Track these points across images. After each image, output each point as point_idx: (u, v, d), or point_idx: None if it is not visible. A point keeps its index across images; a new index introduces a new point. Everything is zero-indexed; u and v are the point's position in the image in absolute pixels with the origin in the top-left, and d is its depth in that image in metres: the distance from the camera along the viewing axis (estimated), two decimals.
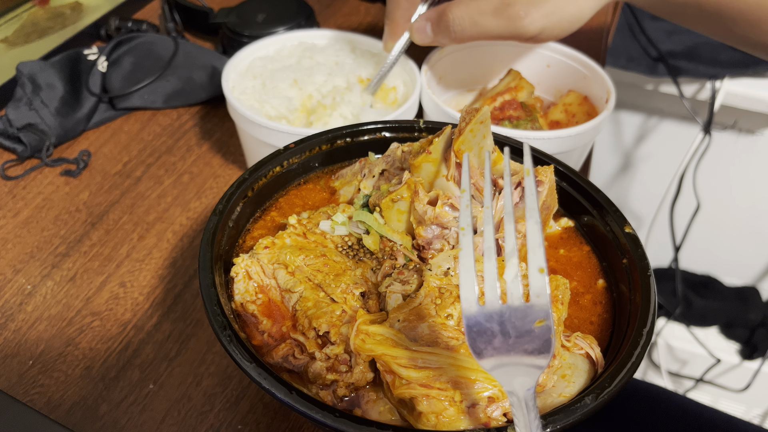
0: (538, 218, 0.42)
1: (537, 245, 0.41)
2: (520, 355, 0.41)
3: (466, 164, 0.51)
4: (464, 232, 0.45)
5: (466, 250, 0.44)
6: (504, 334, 0.42)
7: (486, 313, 0.42)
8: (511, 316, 0.42)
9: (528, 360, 0.41)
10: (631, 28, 1.47)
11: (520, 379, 0.41)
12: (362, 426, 0.45)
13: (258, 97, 0.87)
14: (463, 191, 0.48)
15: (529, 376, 0.41)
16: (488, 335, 0.42)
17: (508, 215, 0.44)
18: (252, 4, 1.10)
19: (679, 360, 1.84)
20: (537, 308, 0.41)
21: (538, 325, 0.41)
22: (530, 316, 0.41)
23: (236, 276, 0.59)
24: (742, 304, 1.80)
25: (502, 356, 0.42)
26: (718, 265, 1.85)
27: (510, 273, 0.42)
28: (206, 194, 0.90)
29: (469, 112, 0.61)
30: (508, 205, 0.45)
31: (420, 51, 1.18)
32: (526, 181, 0.45)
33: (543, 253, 0.41)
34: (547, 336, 0.41)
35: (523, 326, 0.41)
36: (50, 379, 0.68)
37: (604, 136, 1.73)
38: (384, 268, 0.59)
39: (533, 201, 0.42)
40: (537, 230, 0.41)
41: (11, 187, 0.89)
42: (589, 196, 0.65)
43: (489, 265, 0.43)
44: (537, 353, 0.41)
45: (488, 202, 0.46)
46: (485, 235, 0.44)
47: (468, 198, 0.47)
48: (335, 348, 0.53)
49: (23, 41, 1.09)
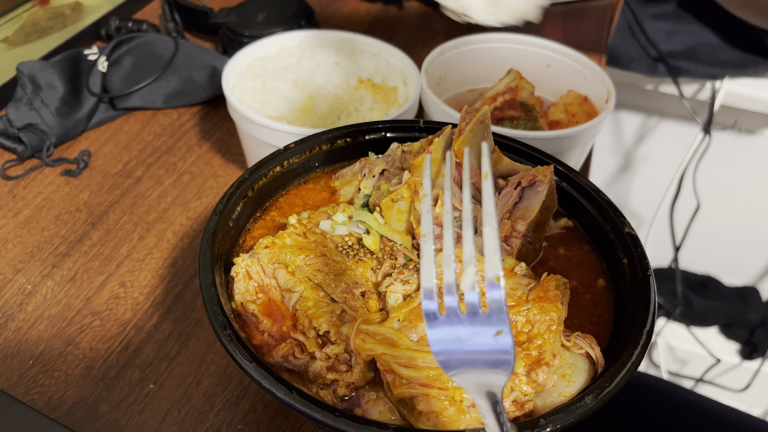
0: (494, 224, 0.40)
1: (493, 252, 0.40)
2: (481, 364, 0.40)
3: (428, 167, 0.49)
4: (425, 239, 0.43)
5: (427, 258, 0.42)
6: (464, 344, 0.41)
7: (446, 323, 0.41)
8: (470, 326, 0.41)
9: (490, 369, 0.40)
10: (631, 28, 1.47)
11: (485, 387, 0.41)
12: (362, 425, 0.45)
13: (258, 97, 0.87)
14: (424, 196, 0.46)
15: (494, 384, 0.40)
16: (450, 345, 0.41)
17: (466, 222, 0.42)
18: (252, 4, 1.10)
19: (679, 360, 1.84)
20: (495, 318, 0.40)
21: (497, 335, 0.40)
22: (489, 326, 0.40)
23: (236, 276, 0.59)
24: (742, 304, 1.80)
25: (464, 365, 0.41)
26: (718, 265, 1.85)
27: (466, 283, 0.41)
28: (206, 194, 0.90)
29: (469, 112, 0.61)
30: (467, 211, 0.43)
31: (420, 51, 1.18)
32: (483, 184, 0.43)
33: (499, 261, 0.39)
34: (506, 346, 0.40)
35: (483, 336, 0.40)
36: (50, 378, 0.68)
37: (604, 136, 1.73)
38: (384, 268, 0.59)
39: (490, 206, 0.41)
40: (493, 236, 0.40)
41: (11, 187, 0.89)
42: (589, 196, 0.65)
43: (447, 274, 0.42)
44: (498, 362, 0.40)
45: (448, 207, 0.45)
46: (444, 242, 0.43)
47: (429, 204, 0.45)
48: (335, 347, 0.53)
49: (23, 41, 1.09)
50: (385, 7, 1.31)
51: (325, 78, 0.91)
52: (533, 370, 0.50)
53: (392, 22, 1.27)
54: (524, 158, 0.69)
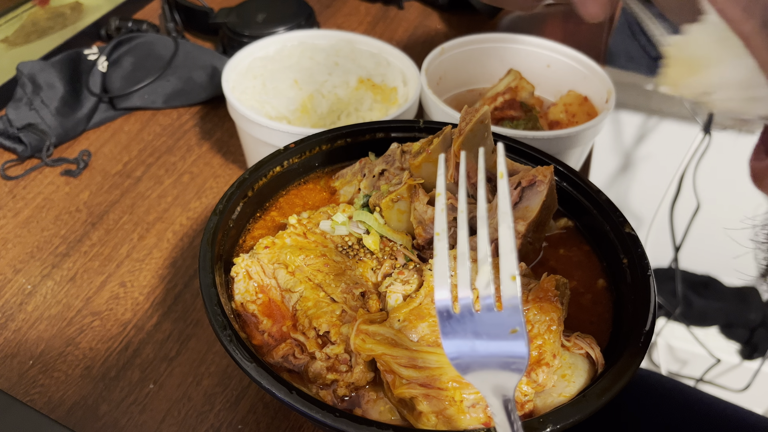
0: (510, 222, 0.40)
1: (509, 251, 0.40)
2: (495, 362, 0.41)
3: (442, 165, 0.49)
4: (439, 237, 0.43)
5: (441, 257, 0.43)
6: (479, 343, 0.41)
7: (460, 322, 0.41)
8: (485, 324, 0.41)
9: (504, 368, 0.41)
10: (631, 28, 1.47)
11: (498, 386, 0.41)
12: (362, 426, 0.45)
13: (258, 97, 0.87)
14: (438, 195, 0.46)
15: (506, 383, 0.41)
16: (463, 343, 0.41)
17: (481, 220, 0.42)
18: (252, 4, 1.10)
19: (679, 360, 1.84)
20: (510, 316, 0.40)
21: (512, 333, 0.40)
22: (503, 324, 0.40)
23: (236, 276, 0.59)
24: (742, 304, 1.80)
25: (478, 364, 0.41)
26: (718, 265, 1.85)
27: (482, 281, 0.41)
28: (206, 194, 0.90)
29: (470, 112, 0.61)
30: (482, 209, 0.43)
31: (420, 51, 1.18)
32: (500, 184, 0.43)
33: (515, 259, 0.39)
34: (521, 344, 0.40)
35: (497, 334, 0.41)
36: (50, 379, 0.68)
37: (604, 136, 1.73)
38: (384, 268, 0.59)
39: (506, 204, 0.41)
40: (509, 235, 0.40)
41: (11, 187, 0.89)
42: (589, 196, 0.65)
43: (462, 272, 0.42)
44: (512, 361, 0.40)
45: (462, 206, 0.45)
46: (459, 240, 0.43)
47: (443, 202, 0.46)
48: (335, 348, 0.53)
49: (23, 41, 1.09)
50: (385, 7, 1.31)
51: (325, 78, 0.91)
52: (533, 370, 0.50)
53: (392, 22, 1.27)
54: (524, 158, 0.69)
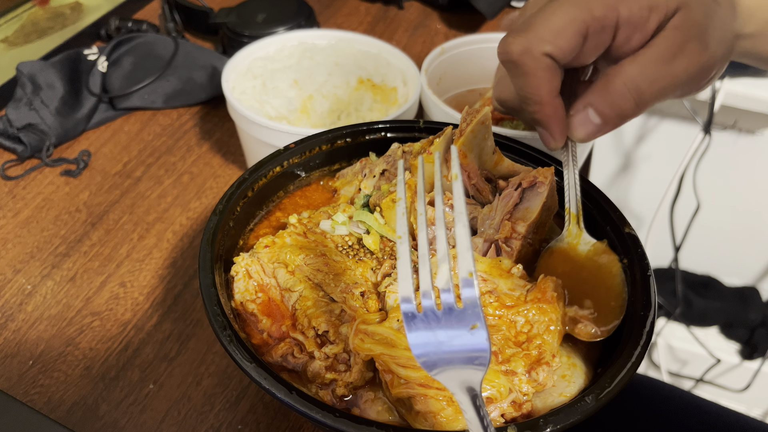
0: (465, 222, 0.41)
1: (465, 249, 0.41)
2: (459, 358, 0.42)
3: (401, 172, 0.50)
4: (401, 240, 0.45)
5: (403, 259, 0.44)
6: (442, 341, 0.42)
7: (424, 321, 0.43)
8: (447, 322, 0.42)
9: (468, 363, 0.42)
10: None
11: (464, 381, 0.42)
12: (362, 426, 0.45)
13: (258, 97, 0.87)
14: (399, 199, 0.47)
15: (472, 378, 0.42)
16: (428, 342, 0.42)
17: (438, 221, 0.44)
18: (252, 4, 1.10)
19: (679, 360, 1.84)
20: (470, 313, 0.41)
21: (472, 329, 0.41)
22: (464, 321, 0.41)
23: (236, 275, 0.59)
24: (742, 304, 1.80)
25: (443, 361, 0.42)
26: (718, 265, 1.85)
27: (441, 280, 0.42)
28: (206, 194, 0.90)
29: (470, 112, 0.61)
30: (439, 210, 0.45)
31: (420, 51, 1.18)
32: (454, 185, 0.44)
33: (471, 257, 0.40)
34: (482, 338, 0.41)
35: (459, 331, 0.42)
36: (50, 379, 0.68)
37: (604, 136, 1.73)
38: (384, 268, 0.59)
39: (461, 205, 0.42)
40: (464, 234, 0.41)
41: (11, 187, 0.89)
42: (589, 196, 0.65)
43: (423, 273, 0.43)
44: (475, 356, 0.41)
45: (421, 208, 0.46)
46: (419, 242, 0.44)
47: (403, 206, 0.47)
48: (334, 347, 0.53)
49: (23, 41, 1.09)
50: (385, 7, 1.31)
51: (325, 78, 0.91)
52: (533, 370, 0.50)
53: (392, 22, 1.27)
54: (525, 159, 0.69)
